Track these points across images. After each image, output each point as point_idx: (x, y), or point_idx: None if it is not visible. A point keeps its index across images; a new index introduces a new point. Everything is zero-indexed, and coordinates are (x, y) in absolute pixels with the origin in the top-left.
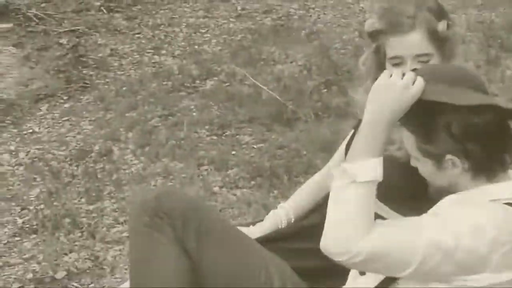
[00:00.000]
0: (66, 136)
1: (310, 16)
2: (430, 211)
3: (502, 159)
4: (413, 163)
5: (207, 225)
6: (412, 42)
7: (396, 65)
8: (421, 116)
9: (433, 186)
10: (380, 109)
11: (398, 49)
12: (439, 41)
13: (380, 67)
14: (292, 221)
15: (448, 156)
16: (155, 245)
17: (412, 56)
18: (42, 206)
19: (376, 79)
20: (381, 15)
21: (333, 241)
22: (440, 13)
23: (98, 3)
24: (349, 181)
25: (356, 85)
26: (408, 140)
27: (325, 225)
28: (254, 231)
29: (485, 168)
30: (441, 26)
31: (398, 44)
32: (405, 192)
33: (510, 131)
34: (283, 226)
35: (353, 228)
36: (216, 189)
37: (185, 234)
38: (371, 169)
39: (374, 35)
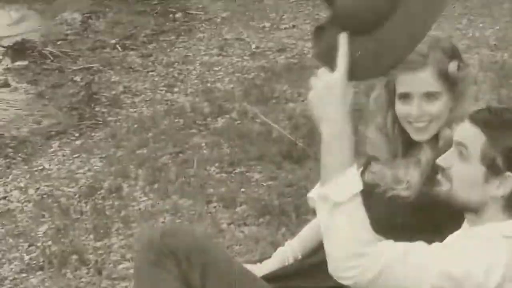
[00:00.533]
0: (76, 173)
1: None
2: (442, 243)
3: None
4: (457, 159)
5: (212, 263)
6: (421, 79)
7: (404, 101)
8: (503, 125)
9: (457, 199)
10: (325, 119)
11: (407, 86)
12: (449, 81)
13: (390, 104)
14: (299, 258)
15: (508, 174)
16: (160, 283)
17: (420, 94)
18: (49, 242)
19: (386, 116)
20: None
21: (340, 260)
22: (453, 54)
23: (113, 41)
24: (331, 205)
25: (368, 122)
26: (473, 137)
27: (326, 250)
28: (261, 269)
29: None
30: (452, 66)
31: (408, 80)
32: (412, 230)
33: None
34: (289, 264)
35: (355, 242)
36: (224, 226)
37: (190, 272)
38: (348, 183)
39: None
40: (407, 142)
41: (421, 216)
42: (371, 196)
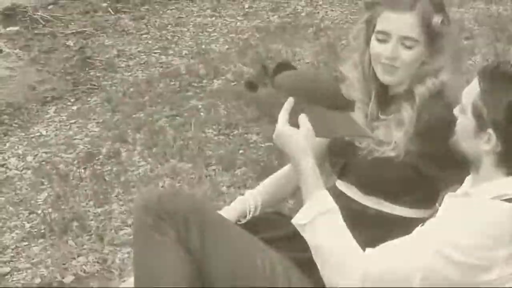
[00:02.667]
0: (74, 139)
1: (318, 13)
2: (430, 219)
3: None
4: (457, 111)
5: (209, 225)
6: (404, 21)
7: (380, 41)
8: (499, 79)
9: (458, 147)
10: (291, 157)
11: (388, 25)
12: (430, 32)
13: (367, 42)
14: (259, 207)
15: (490, 130)
16: (159, 247)
17: (398, 36)
18: (50, 210)
19: (363, 53)
20: None
21: (336, 275)
22: (440, 8)
23: (105, 4)
24: (314, 216)
25: (345, 59)
26: (473, 89)
27: (320, 269)
28: (227, 214)
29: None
30: (436, 19)
31: (390, 19)
32: (399, 185)
33: None
34: (251, 212)
35: (345, 251)
36: (224, 188)
37: (188, 235)
38: (325, 198)
39: (370, 5)
40: (384, 98)
41: (406, 174)
42: (353, 160)
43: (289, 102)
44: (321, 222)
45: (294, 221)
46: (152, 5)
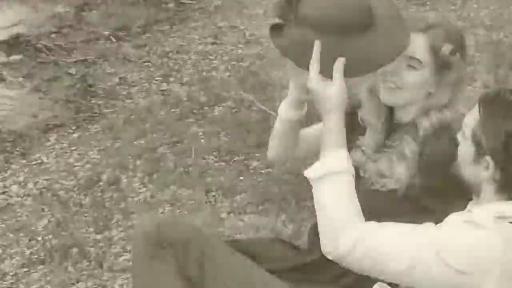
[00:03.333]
0: (75, 166)
1: None
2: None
3: None
4: (460, 137)
5: (209, 253)
6: (413, 41)
7: None
8: (498, 108)
9: (459, 173)
10: (320, 112)
11: None
12: (438, 60)
13: None
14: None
15: (488, 158)
16: (158, 275)
17: (406, 56)
18: (50, 236)
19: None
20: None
21: (329, 238)
22: (454, 40)
23: (107, 33)
24: (323, 174)
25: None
26: (473, 115)
27: (319, 227)
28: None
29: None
30: (446, 47)
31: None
32: (397, 219)
33: None
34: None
35: (345, 217)
36: (224, 215)
37: (188, 263)
38: (342, 158)
39: None
40: (390, 125)
41: (410, 206)
42: (357, 189)
43: (317, 47)
44: (330, 181)
45: (305, 173)
46: (154, 33)
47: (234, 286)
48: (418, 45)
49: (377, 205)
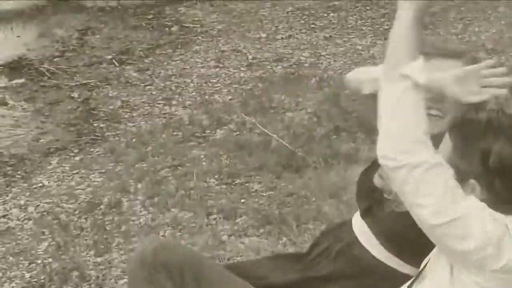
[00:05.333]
0: (76, 189)
1: (321, 63)
2: None
3: None
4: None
5: (204, 275)
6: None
7: None
8: (467, 130)
9: None
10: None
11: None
12: None
13: None
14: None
15: (472, 181)
16: None
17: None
18: (50, 259)
19: None
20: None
21: (399, 141)
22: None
23: (110, 56)
24: (408, 84)
25: None
26: (446, 145)
27: (386, 127)
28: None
29: (504, 202)
30: None
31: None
32: (420, 247)
33: None
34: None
35: (419, 132)
36: (225, 237)
37: (183, 284)
38: (422, 70)
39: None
40: None
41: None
42: (380, 205)
43: None
44: (404, 92)
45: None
46: (157, 57)
47: None
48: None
49: (406, 227)
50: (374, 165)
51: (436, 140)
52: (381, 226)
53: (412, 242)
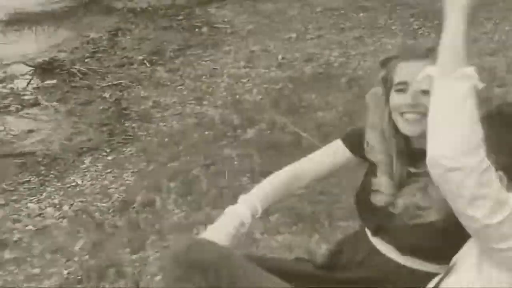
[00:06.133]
0: (109, 188)
1: (350, 63)
2: None
3: None
4: None
5: (238, 272)
6: (419, 69)
7: (400, 91)
8: (498, 122)
9: None
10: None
11: (406, 74)
12: None
13: (387, 98)
14: (259, 214)
15: (500, 173)
16: None
17: (416, 87)
18: (86, 257)
19: (382, 111)
20: (400, 47)
21: (463, 142)
22: None
23: (141, 57)
24: (471, 86)
25: (371, 130)
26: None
27: (452, 127)
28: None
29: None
30: None
31: (407, 68)
32: (441, 248)
33: None
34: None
35: (480, 135)
36: (258, 235)
37: (218, 283)
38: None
39: (385, 61)
40: (408, 153)
41: (452, 235)
42: (388, 221)
43: None
44: (469, 92)
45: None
46: (187, 57)
47: None
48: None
49: (419, 238)
50: (365, 186)
51: None
52: (398, 240)
53: (436, 249)
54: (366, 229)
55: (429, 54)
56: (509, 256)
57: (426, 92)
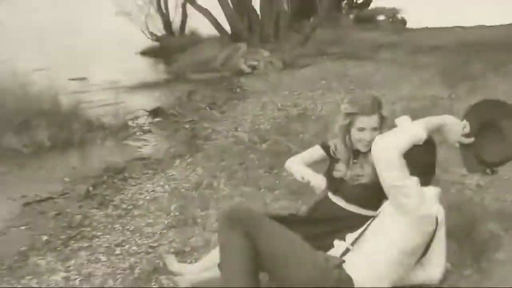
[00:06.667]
0: (188, 176)
1: (317, 108)
2: None
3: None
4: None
5: (262, 224)
6: (373, 120)
7: (360, 131)
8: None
9: None
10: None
11: (364, 123)
12: (382, 119)
13: (348, 131)
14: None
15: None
16: (233, 238)
17: (370, 127)
18: (177, 213)
19: (344, 136)
20: (353, 103)
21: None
22: (381, 105)
23: (204, 105)
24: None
25: (333, 137)
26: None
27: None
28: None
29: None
30: (385, 112)
31: (365, 120)
32: (370, 199)
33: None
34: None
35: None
36: (268, 201)
37: (251, 230)
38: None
39: (349, 115)
40: (357, 152)
41: (375, 190)
42: (341, 185)
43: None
44: None
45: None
46: (229, 105)
47: (279, 243)
48: (375, 119)
49: (359, 192)
50: (329, 168)
51: None
52: (346, 195)
53: (367, 199)
54: (329, 192)
55: (374, 110)
56: (409, 208)
57: (374, 130)
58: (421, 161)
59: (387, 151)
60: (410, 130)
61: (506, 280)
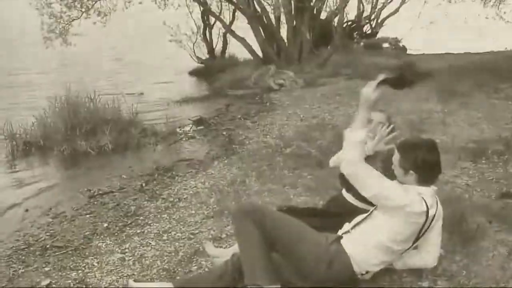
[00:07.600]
0: (225, 175)
1: (332, 119)
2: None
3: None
4: (393, 166)
5: (266, 214)
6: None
7: None
8: (408, 147)
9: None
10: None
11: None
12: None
13: None
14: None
15: (411, 171)
16: (246, 227)
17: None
18: (215, 206)
19: None
20: None
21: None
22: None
23: (239, 116)
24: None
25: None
26: (396, 156)
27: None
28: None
29: (421, 180)
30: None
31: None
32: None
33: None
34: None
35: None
36: (292, 196)
37: (261, 220)
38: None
39: None
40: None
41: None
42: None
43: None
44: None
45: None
46: (260, 116)
47: (281, 225)
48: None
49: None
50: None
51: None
52: (358, 193)
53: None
54: (343, 190)
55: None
56: (388, 205)
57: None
58: (427, 161)
59: (347, 169)
60: (350, 138)
61: (491, 264)
